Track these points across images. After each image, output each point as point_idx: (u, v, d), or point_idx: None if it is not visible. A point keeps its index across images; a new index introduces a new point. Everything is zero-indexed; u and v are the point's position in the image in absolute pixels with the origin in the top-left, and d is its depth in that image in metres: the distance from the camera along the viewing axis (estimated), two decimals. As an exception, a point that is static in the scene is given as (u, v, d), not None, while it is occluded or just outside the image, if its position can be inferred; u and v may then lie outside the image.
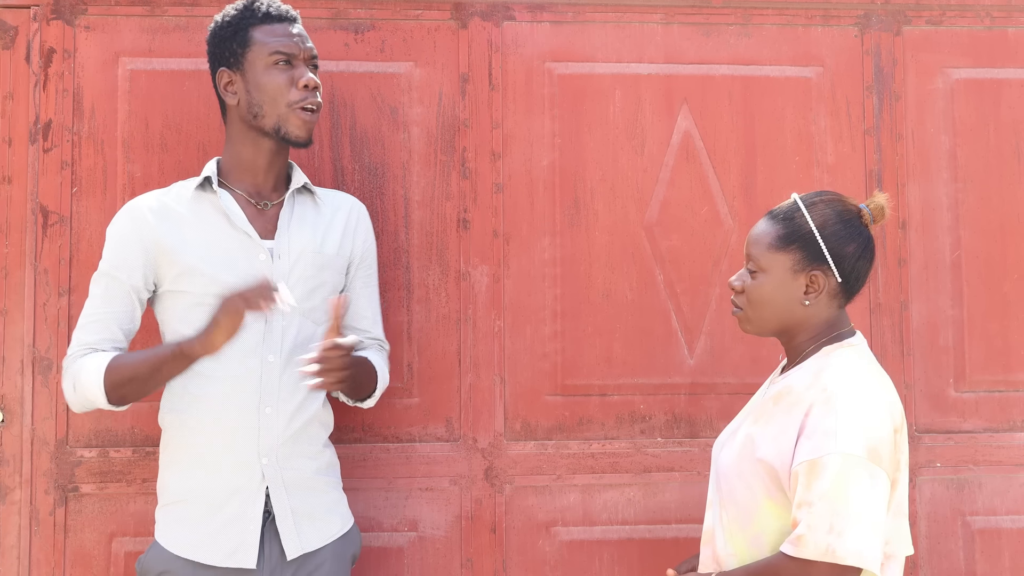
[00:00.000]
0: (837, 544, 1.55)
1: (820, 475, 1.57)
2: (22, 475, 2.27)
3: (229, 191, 2.02)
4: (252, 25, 1.99)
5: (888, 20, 2.51)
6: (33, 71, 2.33)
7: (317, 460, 2.03)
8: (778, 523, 1.67)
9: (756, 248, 1.76)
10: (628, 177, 2.44)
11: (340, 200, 2.15)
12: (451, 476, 2.36)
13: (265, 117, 1.97)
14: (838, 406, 1.62)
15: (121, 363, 1.88)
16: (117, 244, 1.97)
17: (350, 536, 2.07)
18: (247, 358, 1.95)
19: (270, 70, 1.97)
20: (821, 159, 2.48)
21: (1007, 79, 2.52)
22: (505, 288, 2.40)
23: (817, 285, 1.72)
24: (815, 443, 1.60)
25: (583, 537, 2.38)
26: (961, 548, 2.43)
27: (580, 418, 2.40)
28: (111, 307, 1.95)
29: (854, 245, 1.73)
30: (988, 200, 2.50)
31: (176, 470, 1.97)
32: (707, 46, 2.48)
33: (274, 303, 1.75)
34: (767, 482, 1.67)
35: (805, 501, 1.58)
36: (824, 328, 1.75)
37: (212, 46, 2.03)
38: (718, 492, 1.79)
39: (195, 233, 1.97)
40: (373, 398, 2.12)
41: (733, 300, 1.81)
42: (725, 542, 1.74)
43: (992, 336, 2.47)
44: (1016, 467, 2.44)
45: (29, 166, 2.32)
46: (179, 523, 1.94)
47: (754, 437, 1.72)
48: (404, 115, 2.41)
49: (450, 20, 2.43)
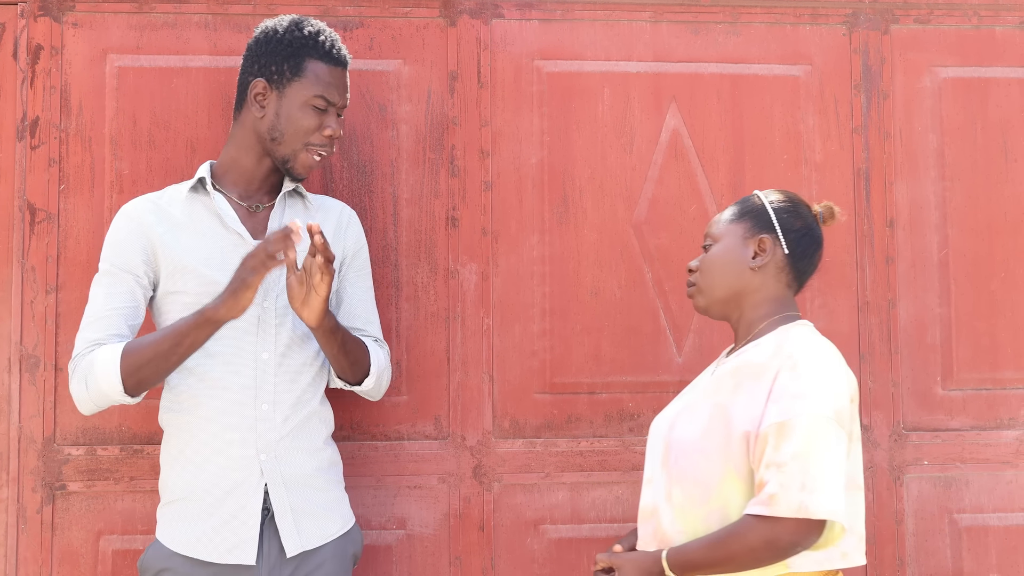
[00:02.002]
0: (809, 500, 1.60)
1: (789, 436, 1.63)
2: (9, 473, 2.26)
3: (222, 193, 2.04)
4: (310, 56, 1.99)
5: (876, 19, 2.52)
6: (20, 68, 2.33)
7: (317, 457, 2.03)
8: (740, 498, 1.70)
9: (714, 226, 1.91)
10: (617, 175, 2.44)
11: (330, 204, 2.16)
12: (440, 474, 2.36)
13: (282, 145, 2.00)
14: (804, 371, 1.69)
15: (139, 344, 1.86)
16: (116, 244, 1.98)
17: (351, 535, 2.06)
18: (241, 356, 1.95)
19: (306, 108, 1.98)
20: (809, 157, 2.48)
21: (994, 78, 2.53)
22: (494, 286, 2.40)
23: (764, 248, 1.82)
24: (783, 406, 1.65)
25: (571, 535, 2.38)
26: (948, 546, 2.43)
27: (568, 416, 2.40)
28: (115, 303, 1.94)
29: (801, 223, 1.86)
30: (975, 199, 2.50)
31: (176, 468, 1.97)
32: (696, 44, 2.48)
33: (293, 247, 1.74)
34: (738, 454, 1.69)
35: (774, 462, 1.63)
36: (774, 306, 1.84)
37: (259, 54, 2.01)
38: (665, 469, 1.79)
39: (189, 234, 1.99)
40: (371, 381, 2.07)
41: (688, 280, 1.91)
42: (673, 519, 1.75)
43: (979, 334, 2.48)
44: (1003, 465, 2.45)
45: (16, 163, 2.31)
46: (179, 520, 1.94)
47: (726, 408, 1.73)
48: (393, 113, 2.41)
49: (439, 18, 2.43)
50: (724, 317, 1.89)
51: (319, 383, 2.07)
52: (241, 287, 1.77)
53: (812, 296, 2.45)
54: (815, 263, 1.89)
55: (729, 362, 1.83)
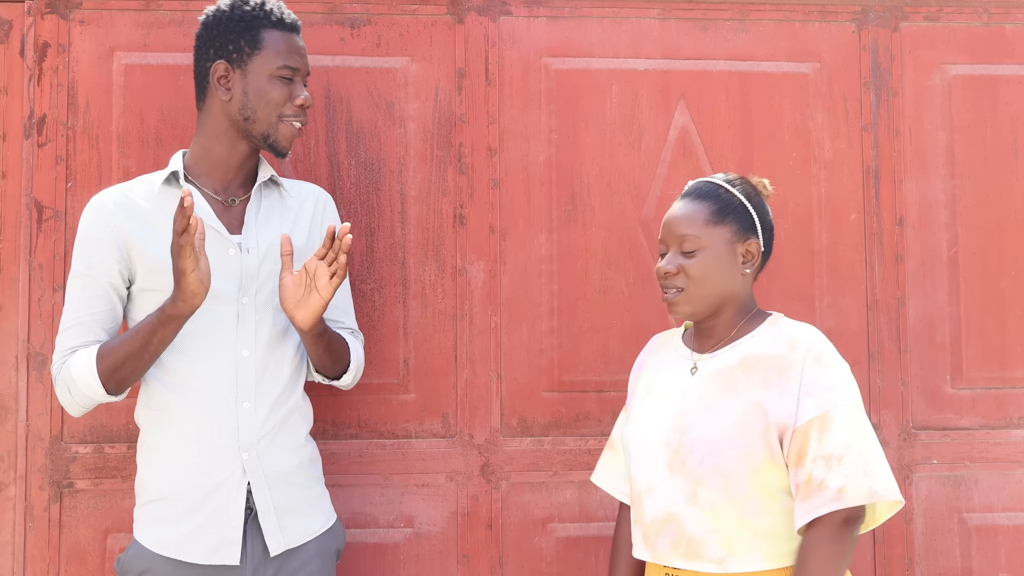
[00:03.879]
0: (875, 485, 1.66)
1: (831, 427, 1.67)
2: (17, 471, 2.26)
3: (195, 187, 1.99)
4: (264, 27, 1.97)
5: (885, 16, 2.51)
6: (27, 65, 2.32)
7: (299, 454, 2.01)
8: (777, 482, 1.71)
9: (690, 227, 1.79)
10: (625, 173, 2.44)
11: (307, 191, 2.13)
12: (447, 472, 2.35)
13: (256, 122, 1.97)
14: (829, 363, 1.73)
15: (111, 347, 1.86)
16: (88, 243, 1.94)
17: (334, 531, 2.05)
18: (221, 354, 1.92)
19: (273, 80, 1.96)
20: (818, 155, 2.47)
21: (1004, 75, 2.52)
22: (501, 284, 2.40)
23: (754, 253, 1.81)
24: (818, 399, 1.69)
25: (579, 533, 2.37)
26: (958, 545, 2.43)
27: (577, 414, 2.39)
28: (91, 308, 1.92)
29: (769, 217, 1.86)
30: (985, 197, 2.49)
31: (155, 467, 1.94)
32: (704, 41, 2.47)
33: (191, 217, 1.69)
34: (773, 445, 1.70)
35: (821, 455, 1.66)
36: (749, 302, 1.85)
37: (213, 36, 1.98)
38: (682, 472, 1.74)
39: (163, 229, 1.94)
40: (348, 375, 2.07)
41: (666, 284, 1.81)
42: (703, 520, 1.71)
43: (989, 333, 2.47)
44: (1012, 464, 2.44)
45: (23, 161, 2.31)
46: (159, 521, 1.91)
47: (760, 402, 1.71)
48: (400, 110, 2.40)
49: (446, 15, 2.42)
50: (702, 320, 1.84)
51: (299, 378, 2.04)
52: (179, 276, 1.74)
53: (821, 294, 2.44)
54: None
55: (726, 357, 1.78)
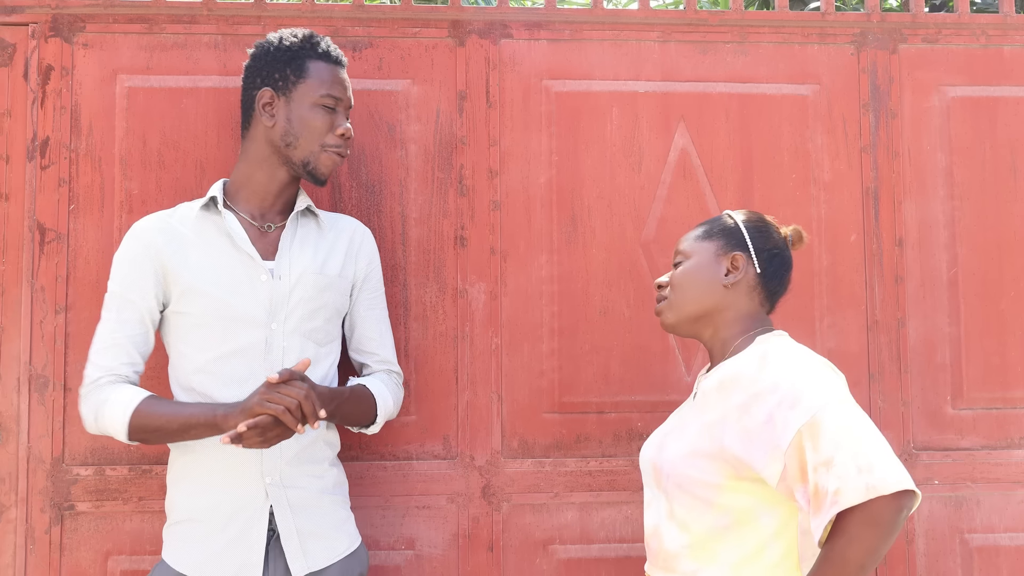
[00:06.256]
0: (872, 479, 1.55)
1: (820, 430, 1.58)
2: (18, 493, 2.26)
3: (234, 212, 2.04)
4: (310, 58, 2.03)
5: (884, 38, 2.52)
6: (31, 88, 2.34)
7: (322, 479, 2.03)
8: (751, 499, 1.68)
9: (684, 243, 1.90)
10: (625, 194, 2.44)
11: (344, 223, 2.16)
12: (448, 494, 2.35)
13: (297, 149, 2.01)
14: (801, 372, 1.66)
15: (151, 412, 1.89)
16: (128, 266, 1.98)
17: (358, 555, 2.06)
18: (249, 378, 1.95)
19: (316, 108, 2.01)
20: (818, 176, 2.48)
21: (1003, 97, 2.53)
22: (502, 305, 2.40)
23: (737, 266, 1.82)
24: (800, 410, 1.61)
25: (581, 555, 2.37)
26: (959, 566, 2.42)
27: (578, 435, 2.39)
28: (127, 330, 1.96)
29: (772, 243, 1.86)
30: (984, 218, 2.50)
31: (181, 488, 1.98)
32: (704, 64, 2.49)
33: (301, 424, 1.82)
34: (727, 465, 1.68)
35: (820, 462, 1.58)
36: (749, 322, 1.83)
37: (261, 66, 2.04)
38: (661, 490, 1.79)
39: (199, 254, 1.99)
40: (377, 425, 2.12)
41: (658, 296, 1.90)
42: (677, 534, 1.75)
43: (989, 353, 2.47)
44: (1014, 484, 2.44)
45: (26, 183, 2.32)
46: (185, 541, 1.95)
47: (712, 423, 1.71)
48: (401, 132, 2.41)
49: (448, 38, 2.44)
50: (694, 335, 1.87)
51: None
52: (250, 410, 1.81)
53: (821, 315, 2.44)
54: (786, 284, 1.87)
55: (710, 379, 1.79)
